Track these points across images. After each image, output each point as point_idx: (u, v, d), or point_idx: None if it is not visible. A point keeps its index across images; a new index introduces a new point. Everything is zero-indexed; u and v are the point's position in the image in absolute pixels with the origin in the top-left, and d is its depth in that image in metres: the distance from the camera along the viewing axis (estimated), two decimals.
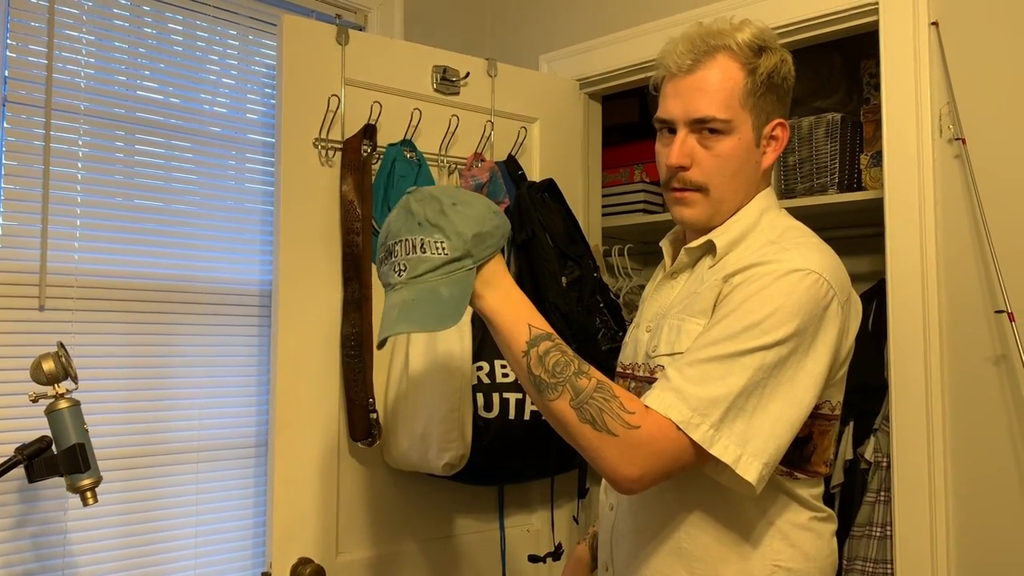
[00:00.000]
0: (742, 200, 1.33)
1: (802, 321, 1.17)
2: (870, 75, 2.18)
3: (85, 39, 1.80)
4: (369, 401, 1.81)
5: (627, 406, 1.12)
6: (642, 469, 1.12)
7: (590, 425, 1.11)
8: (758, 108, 1.30)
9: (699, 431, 1.12)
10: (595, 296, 2.03)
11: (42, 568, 1.69)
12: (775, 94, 1.32)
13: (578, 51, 2.31)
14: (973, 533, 1.59)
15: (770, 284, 1.18)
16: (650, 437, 1.12)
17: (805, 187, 2.24)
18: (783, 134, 1.33)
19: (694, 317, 1.25)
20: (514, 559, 2.06)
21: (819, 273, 1.19)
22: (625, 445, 1.11)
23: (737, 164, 1.30)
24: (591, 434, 1.12)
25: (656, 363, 1.30)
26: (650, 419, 1.13)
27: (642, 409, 1.13)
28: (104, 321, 1.79)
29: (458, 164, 2.02)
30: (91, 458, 1.41)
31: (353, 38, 1.88)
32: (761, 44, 1.30)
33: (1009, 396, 1.56)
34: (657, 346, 1.31)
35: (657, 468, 1.13)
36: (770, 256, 1.23)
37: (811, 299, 1.18)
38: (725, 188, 1.31)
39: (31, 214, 1.71)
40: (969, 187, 1.61)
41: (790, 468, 1.26)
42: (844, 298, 1.23)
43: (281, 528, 1.73)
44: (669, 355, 1.27)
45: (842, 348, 1.25)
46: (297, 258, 1.79)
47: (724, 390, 1.14)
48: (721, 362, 1.15)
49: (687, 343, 1.23)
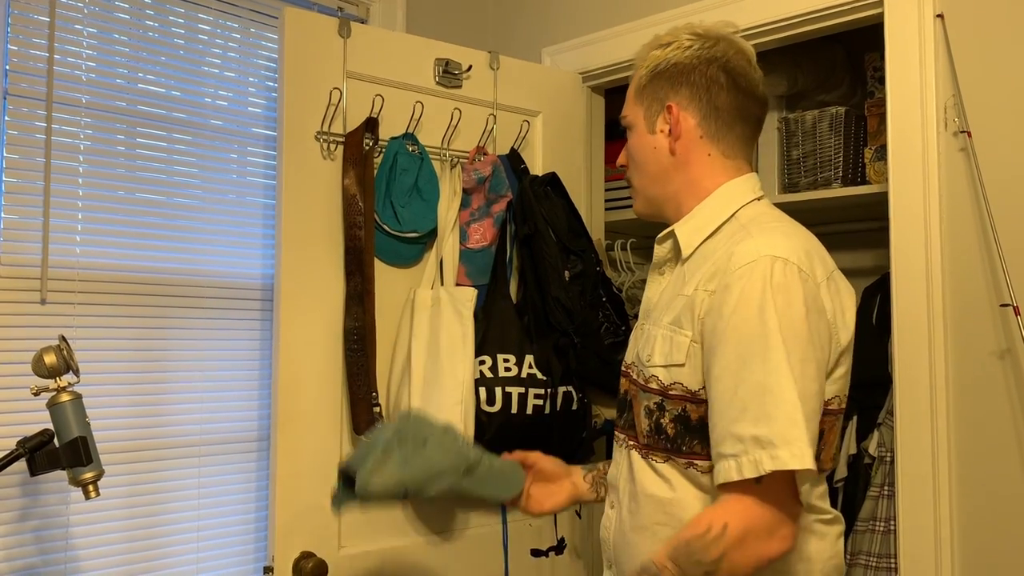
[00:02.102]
0: (673, 189, 1.36)
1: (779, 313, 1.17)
2: (874, 68, 2.17)
3: (86, 32, 1.79)
4: (372, 395, 1.81)
5: (699, 530, 1.15)
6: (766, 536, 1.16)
7: None
8: (648, 98, 1.36)
9: (753, 469, 1.14)
10: (598, 290, 2.02)
11: (44, 562, 1.69)
12: (664, 79, 1.35)
13: (581, 44, 2.30)
14: (977, 528, 1.58)
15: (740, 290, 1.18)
16: (737, 514, 1.15)
17: (809, 181, 2.23)
18: (677, 113, 1.33)
19: (683, 329, 1.26)
20: (516, 553, 2.05)
21: (778, 256, 1.19)
22: (737, 547, 1.15)
23: (642, 156, 1.38)
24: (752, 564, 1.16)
25: (651, 372, 1.30)
26: (736, 514, 1.16)
27: (728, 521, 1.15)
28: (106, 315, 1.79)
29: (460, 158, 2.02)
30: (93, 452, 1.41)
31: (355, 31, 1.87)
32: (661, 43, 1.37)
33: (1014, 390, 1.55)
34: (651, 356, 1.31)
35: (777, 519, 1.16)
36: (732, 249, 1.23)
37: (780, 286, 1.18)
38: (640, 180, 1.40)
39: (32, 207, 1.70)
40: (974, 181, 1.60)
41: None
42: (822, 277, 1.23)
43: (283, 522, 1.72)
44: (663, 367, 1.28)
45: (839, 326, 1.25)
46: (299, 252, 1.78)
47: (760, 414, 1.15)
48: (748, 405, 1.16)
49: (679, 356, 1.25)
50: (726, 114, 1.34)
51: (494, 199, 2.00)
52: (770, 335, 1.16)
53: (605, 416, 2.02)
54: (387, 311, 1.88)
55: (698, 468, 1.26)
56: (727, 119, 1.34)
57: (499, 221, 2.00)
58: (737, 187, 1.34)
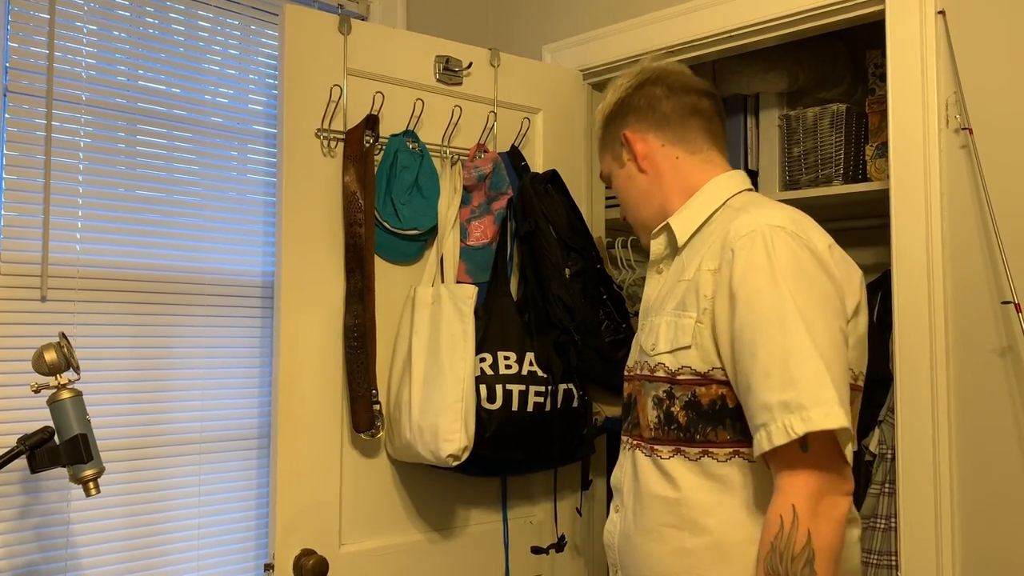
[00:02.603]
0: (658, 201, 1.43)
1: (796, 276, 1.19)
2: (875, 65, 2.17)
3: (87, 29, 1.79)
4: (372, 392, 1.81)
5: (772, 531, 1.14)
6: (841, 485, 1.17)
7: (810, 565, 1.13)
8: (609, 142, 1.51)
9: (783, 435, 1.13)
10: (598, 288, 2.02)
11: (45, 559, 1.69)
12: (613, 119, 1.49)
13: (581, 41, 2.30)
14: (978, 525, 1.58)
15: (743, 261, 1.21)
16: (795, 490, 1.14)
17: (810, 178, 2.23)
18: (628, 140, 1.45)
19: (687, 311, 1.27)
20: (517, 550, 2.05)
21: (774, 224, 1.22)
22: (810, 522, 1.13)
23: (624, 191, 1.49)
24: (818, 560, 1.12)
25: (657, 361, 1.30)
26: (796, 491, 1.15)
27: (793, 503, 1.14)
28: (106, 312, 1.79)
29: (461, 155, 2.01)
30: (93, 449, 1.41)
31: (355, 28, 1.87)
32: (604, 96, 1.52)
33: (1015, 387, 1.55)
34: (656, 344, 1.32)
35: (836, 479, 1.17)
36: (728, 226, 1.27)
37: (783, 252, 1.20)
38: (632, 212, 1.49)
39: (32, 204, 1.70)
40: (976, 177, 1.60)
41: None
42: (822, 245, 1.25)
43: (284, 519, 1.72)
44: (670, 352, 1.28)
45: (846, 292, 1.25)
46: (299, 249, 1.78)
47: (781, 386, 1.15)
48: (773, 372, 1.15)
49: (685, 339, 1.26)
50: (675, 116, 1.43)
51: (495, 196, 2.00)
52: (783, 300, 1.17)
53: (606, 414, 2.01)
54: (387, 308, 1.88)
55: (714, 457, 1.25)
56: (678, 120, 1.43)
57: (500, 218, 2.00)
58: (726, 180, 1.40)
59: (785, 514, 1.13)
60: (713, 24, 2.01)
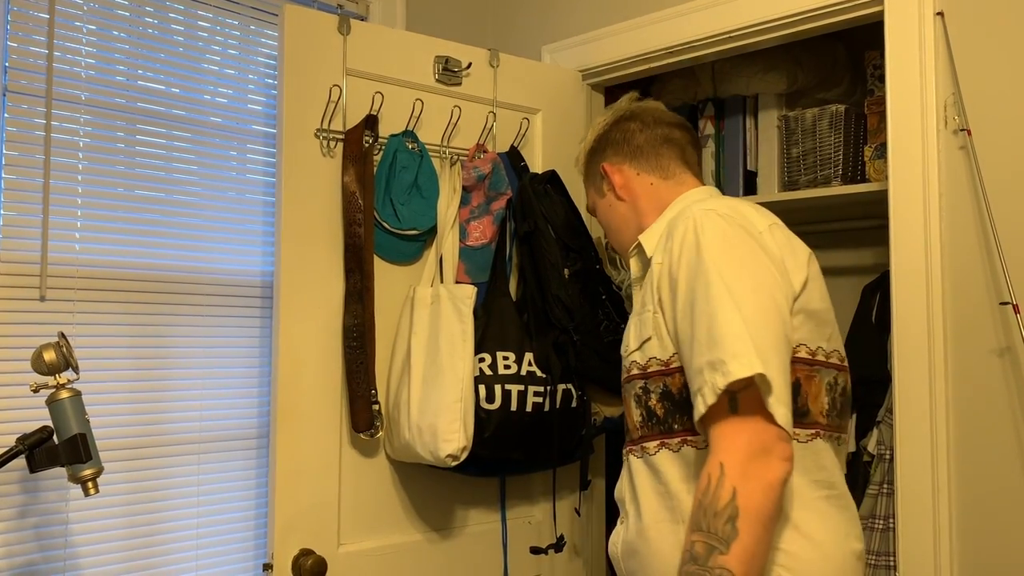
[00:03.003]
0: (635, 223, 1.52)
1: (724, 250, 1.24)
2: (874, 66, 2.17)
3: (86, 28, 1.79)
4: (371, 392, 1.81)
5: (705, 493, 1.15)
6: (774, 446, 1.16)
7: (731, 522, 1.13)
8: (590, 177, 1.64)
9: (712, 395, 1.16)
10: (597, 288, 2.02)
11: (44, 559, 1.69)
12: (592, 155, 1.62)
13: (580, 42, 2.30)
14: (976, 526, 1.58)
15: (678, 244, 1.28)
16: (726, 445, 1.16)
17: (808, 179, 2.23)
18: (607, 172, 1.57)
19: (647, 307, 1.35)
20: (516, 550, 2.06)
21: (712, 209, 1.29)
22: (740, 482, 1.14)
23: (607, 219, 1.59)
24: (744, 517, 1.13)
25: (631, 359, 1.37)
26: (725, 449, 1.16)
27: (707, 465, 1.17)
28: (105, 312, 1.79)
29: (460, 155, 2.02)
30: (92, 448, 1.41)
31: (355, 28, 1.87)
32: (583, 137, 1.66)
33: (1013, 388, 1.55)
34: (627, 344, 1.39)
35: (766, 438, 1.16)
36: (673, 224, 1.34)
37: (715, 230, 1.26)
38: (615, 237, 1.59)
39: (32, 204, 1.70)
40: (974, 178, 1.60)
41: None
42: (759, 227, 1.30)
43: (283, 519, 1.72)
44: (639, 348, 1.35)
45: (789, 268, 1.28)
46: (299, 249, 1.78)
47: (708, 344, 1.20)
48: (700, 337, 1.21)
49: (649, 330, 1.33)
50: (648, 147, 1.54)
51: (494, 197, 2.00)
52: (708, 270, 1.22)
53: (605, 414, 2.02)
54: (387, 308, 1.88)
55: (694, 445, 1.28)
56: (651, 150, 1.54)
57: (499, 219, 2.00)
58: (692, 193, 1.49)
59: (713, 472, 1.16)
60: (712, 25, 2.01)
